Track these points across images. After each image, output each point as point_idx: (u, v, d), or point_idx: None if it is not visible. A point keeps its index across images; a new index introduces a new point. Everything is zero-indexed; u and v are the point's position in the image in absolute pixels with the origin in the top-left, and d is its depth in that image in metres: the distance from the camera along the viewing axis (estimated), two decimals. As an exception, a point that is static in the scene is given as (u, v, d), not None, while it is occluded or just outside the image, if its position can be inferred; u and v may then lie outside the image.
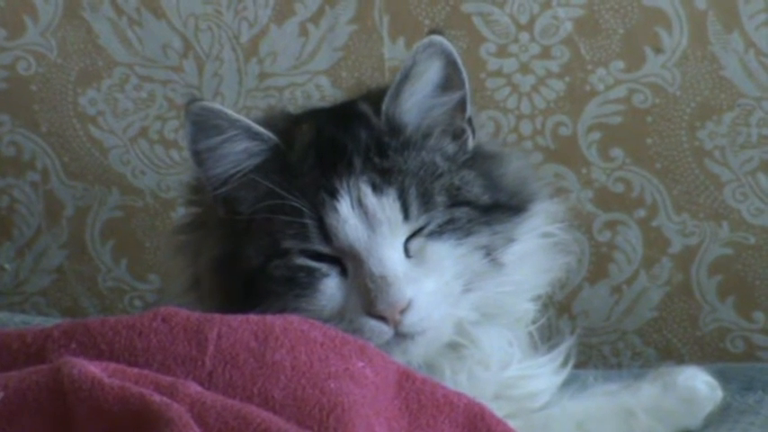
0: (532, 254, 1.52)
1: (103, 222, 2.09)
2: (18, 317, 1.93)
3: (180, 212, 1.57)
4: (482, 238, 1.47)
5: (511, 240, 1.49)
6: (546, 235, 1.53)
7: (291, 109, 1.61)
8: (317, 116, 1.54)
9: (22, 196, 2.10)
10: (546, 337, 1.54)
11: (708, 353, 1.95)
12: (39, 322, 1.84)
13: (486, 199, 1.48)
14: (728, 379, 1.60)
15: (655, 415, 1.54)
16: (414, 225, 1.44)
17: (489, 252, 1.47)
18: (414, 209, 1.44)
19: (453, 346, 1.48)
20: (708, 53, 1.89)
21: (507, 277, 1.49)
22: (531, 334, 1.54)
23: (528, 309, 1.53)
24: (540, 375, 1.53)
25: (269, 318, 1.35)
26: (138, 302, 2.09)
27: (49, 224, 2.10)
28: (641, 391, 1.56)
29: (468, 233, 1.46)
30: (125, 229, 2.08)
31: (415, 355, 1.44)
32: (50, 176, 2.08)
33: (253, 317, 1.34)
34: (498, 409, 1.38)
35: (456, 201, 1.46)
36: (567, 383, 1.55)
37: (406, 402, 1.34)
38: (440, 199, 1.45)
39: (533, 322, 1.53)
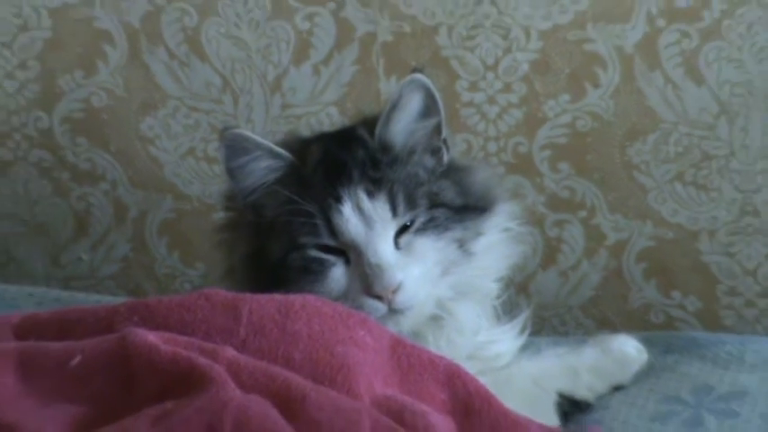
0: (496, 244, 1.52)
1: (160, 222, 2.09)
2: (93, 297, 1.93)
3: (220, 215, 1.56)
4: (456, 232, 1.47)
5: (479, 234, 1.49)
6: (507, 229, 1.53)
7: (306, 133, 1.61)
8: (324, 139, 1.53)
9: (97, 202, 2.10)
10: (507, 310, 1.54)
11: (635, 324, 1.95)
12: (108, 301, 1.84)
13: (458, 202, 1.48)
14: (652, 344, 1.59)
15: (594, 373, 1.54)
16: (401, 221, 1.44)
17: (462, 244, 1.47)
18: (400, 209, 1.43)
19: (435, 318, 1.48)
20: (635, 87, 1.89)
21: (476, 263, 1.49)
22: (495, 308, 1.53)
23: (493, 288, 1.52)
24: (504, 340, 1.53)
25: (290, 296, 1.35)
26: (187, 285, 2.08)
27: (118, 223, 2.10)
28: (584, 354, 1.55)
29: (446, 229, 1.46)
30: (177, 228, 2.08)
31: (404, 325, 1.43)
32: (118, 186, 2.08)
33: (277, 296, 1.34)
34: (471, 368, 1.38)
35: (434, 203, 1.46)
36: (524, 348, 1.55)
37: (398, 363, 1.34)
38: (422, 202, 1.45)
39: (497, 298, 1.53)
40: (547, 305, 1.98)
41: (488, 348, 1.51)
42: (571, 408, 1.51)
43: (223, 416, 1.18)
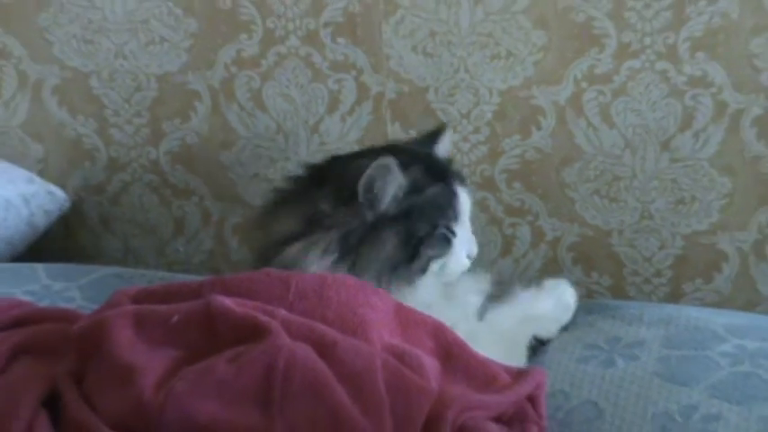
0: None
1: (233, 225, 2.09)
2: (188, 277, 1.92)
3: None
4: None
5: None
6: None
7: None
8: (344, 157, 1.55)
9: (190, 210, 2.09)
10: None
11: (567, 295, 1.94)
12: (197, 278, 1.83)
13: None
14: (578, 308, 1.58)
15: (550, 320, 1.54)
16: None
17: None
18: None
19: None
20: (566, 129, 1.89)
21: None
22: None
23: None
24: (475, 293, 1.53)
25: (324, 274, 1.34)
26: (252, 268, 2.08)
27: (204, 226, 2.09)
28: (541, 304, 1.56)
29: None
30: (245, 229, 2.08)
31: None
32: (205, 199, 2.08)
33: (316, 273, 1.34)
34: (446, 320, 1.37)
35: None
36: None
37: (399, 321, 1.34)
38: None
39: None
40: (505, 281, 1.97)
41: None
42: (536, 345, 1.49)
43: (278, 356, 1.18)
